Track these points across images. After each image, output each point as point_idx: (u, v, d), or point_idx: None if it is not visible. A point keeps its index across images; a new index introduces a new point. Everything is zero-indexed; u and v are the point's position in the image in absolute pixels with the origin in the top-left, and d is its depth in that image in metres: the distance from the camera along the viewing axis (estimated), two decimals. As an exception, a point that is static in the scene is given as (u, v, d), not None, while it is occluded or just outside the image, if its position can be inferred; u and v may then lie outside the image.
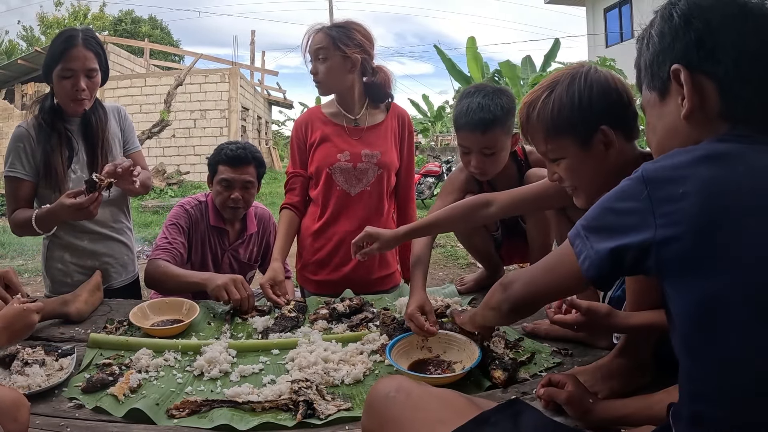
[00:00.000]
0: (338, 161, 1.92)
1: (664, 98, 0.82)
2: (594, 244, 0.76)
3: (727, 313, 0.65)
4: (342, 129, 1.96)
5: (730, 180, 0.68)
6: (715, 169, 0.69)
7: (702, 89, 0.76)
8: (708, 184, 0.68)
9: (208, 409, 1.10)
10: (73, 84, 1.74)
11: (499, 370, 1.18)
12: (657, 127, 0.85)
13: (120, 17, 28.17)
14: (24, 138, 1.78)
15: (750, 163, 0.69)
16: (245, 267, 2.21)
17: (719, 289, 0.65)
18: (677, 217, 0.68)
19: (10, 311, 1.15)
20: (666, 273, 0.71)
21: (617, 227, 0.74)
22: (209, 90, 14.18)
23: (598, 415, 0.96)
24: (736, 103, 0.75)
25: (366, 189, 1.94)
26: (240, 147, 2.08)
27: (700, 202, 0.67)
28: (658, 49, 0.81)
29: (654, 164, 0.74)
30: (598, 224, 0.77)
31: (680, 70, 0.77)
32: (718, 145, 0.72)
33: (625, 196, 0.75)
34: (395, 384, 0.88)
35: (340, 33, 1.87)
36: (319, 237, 1.98)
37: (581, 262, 0.78)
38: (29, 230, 1.74)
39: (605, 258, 0.75)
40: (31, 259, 5.82)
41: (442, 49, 14.82)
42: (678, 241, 0.68)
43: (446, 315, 1.56)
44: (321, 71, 1.90)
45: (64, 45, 1.72)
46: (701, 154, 0.71)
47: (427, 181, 10.00)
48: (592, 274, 0.77)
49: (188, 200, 2.15)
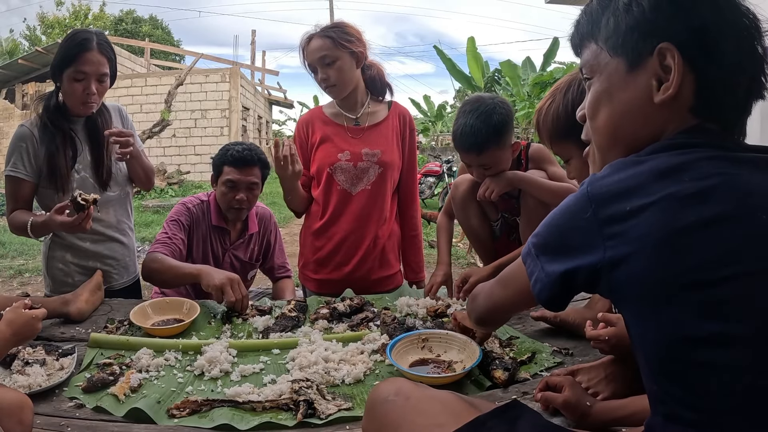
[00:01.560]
0: (339, 161, 1.92)
1: (634, 70, 0.73)
2: (545, 265, 0.74)
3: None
4: (342, 129, 1.96)
5: (681, 195, 0.62)
6: (665, 184, 0.63)
7: (684, 79, 0.70)
8: (660, 199, 0.63)
9: (208, 409, 1.10)
10: (85, 87, 1.74)
11: (500, 369, 1.18)
12: (614, 97, 0.76)
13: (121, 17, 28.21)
14: (27, 138, 1.78)
15: (702, 175, 0.64)
16: (246, 266, 2.21)
17: (675, 312, 0.62)
18: (626, 238, 0.64)
19: (19, 319, 1.13)
20: (619, 297, 0.68)
21: (565, 247, 0.71)
22: (210, 90, 14.19)
23: (597, 418, 0.96)
24: (713, 105, 0.71)
25: (367, 188, 1.94)
26: (246, 148, 2.08)
27: (652, 219, 0.62)
28: (647, 17, 0.71)
29: (600, 179, 0.69)
30: (546, 242, 0.75)
31: (673, 52, 0.69)
32: (670, 157, 0.66)
33: (570, 214, 0.71)
34: (394, 388, 0.87)
35: (337, 33, 1.85)
36: (320, 236, 1.98)
37: (533, 284, 0.76)
38: (25, 233, 1.75)
39: (556, 281, 0.72)
40: (31, 259, 5.82)
41: (443, 49, 14.82)
42: (629, 263, 0.64)
43: (446, 315, 1.56)
44: (332, 75, 1.87)
45: (79, 47, 1.72)
46: (652, 168, 0.66)
47: (427, 181, 10.00)
48: (544, 297, 0.75)
49: (190, 199, 2.15)
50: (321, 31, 1.87)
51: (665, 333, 0.63)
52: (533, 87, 13.29)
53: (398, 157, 1.99)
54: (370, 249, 1.97)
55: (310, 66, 1.91)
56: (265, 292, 2.38)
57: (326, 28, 1.89)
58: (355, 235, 1.95)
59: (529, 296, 0.79)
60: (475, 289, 1.00)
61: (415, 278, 2.16)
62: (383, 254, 2.00)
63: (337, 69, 1.86)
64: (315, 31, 1.89)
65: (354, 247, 1.95)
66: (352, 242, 1.95)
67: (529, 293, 0.78)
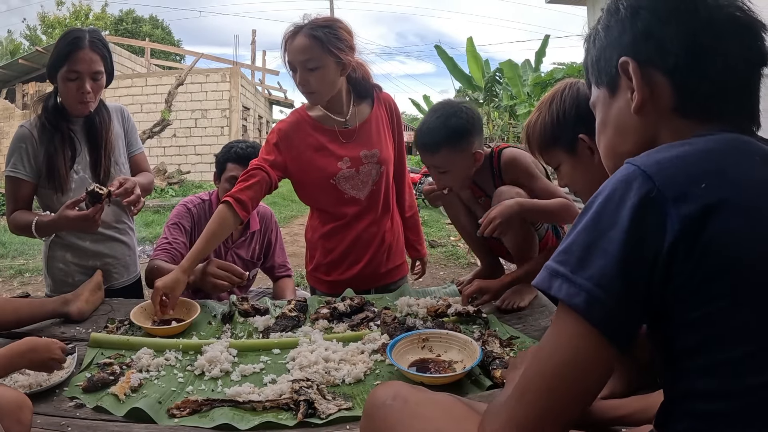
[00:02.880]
0: (340, 170, 1.83)
1: (615, 94, 0.78)
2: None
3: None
4: (334, 134, 1.85)
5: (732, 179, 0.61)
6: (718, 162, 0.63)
7: (653, 82, 0.72)
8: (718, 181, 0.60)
9: (208, 409, 1.10)
10: (79, 87, 1.73)
11: (501, 369, 1.18)
12: (608, 123, 0.80)
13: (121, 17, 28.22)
14: (27, 139, 1.78)
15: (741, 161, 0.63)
16: (248, 265, 2.21)
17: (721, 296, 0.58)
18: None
19: (42, 342, 1.12)
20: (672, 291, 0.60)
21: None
22: (210, 89, 14.19)
23: (596, 417, 0.96)
24: (693, 97, 0.71)
25: (373, 189, 1.90)
26: (249, 146, 2.10)
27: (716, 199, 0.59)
28: (604, 43, 0.77)
29: (647, 157, 0.65)
30: None
31: (628, 62, 0.73)
32: (709, 139, 0.66)
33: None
34: (392, 391, 0.86)
35: (327, 35, 1.68)
36: (332, 238, 1.93)
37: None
38: (27, 233, 1.75)
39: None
40: (32, 259, 5.83)
41: (444, 49, 14.81)
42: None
43: (447, 315, 1.57)
44: (313, 82, 1.72)
45: (70, 47, 1.71)
46: (705, 146, 0.65)
47: (427, 181, 9.99)
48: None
49: (191, 199, 2.16)
50: (309, 28, 1.69)
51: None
52: (533, 87, 13.29)
53: (392, 149, 1.96)
54: (380, 244, 1.96)
55: (289, 64, 1.75)
56: (266, 291, 2.38)
57: (316, 25, 1.70)
58: (366, 234, 1.92)
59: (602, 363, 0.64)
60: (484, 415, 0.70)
61: (417, 255, 2.17)
62: (390, 246, 2.00)
63: (319, 76, 1.71)
64: (302, 24, 1.71)
65: (366, 246, 1.93)
66: (364, 241, 1.92)
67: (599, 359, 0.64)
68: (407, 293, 1.80)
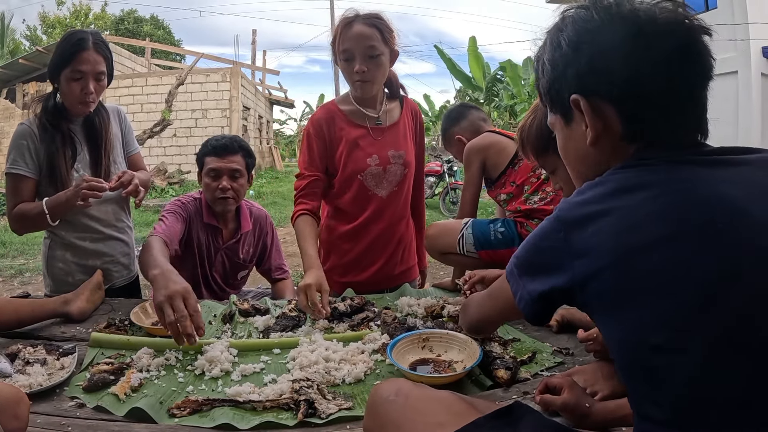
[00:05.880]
0: (369, 166, 1.86)
1: (569, 123, 0.82)
2: (526, 284, 0.79)
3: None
4: (366, 131, 1.88)
5: (637, 211, 0.67)
6: (623, 201, 0.68)
7: (603, 114, 0.75)
8: (618, 217, 0.67)
9: (209, 408, 1.10)
10: (83, 87, 1.74)
11: (502, 369, 1.18)
12: (567, 148, 0.86)
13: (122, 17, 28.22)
14: (27, 136, 1.78)
15: (656, 191, 0.67)
16: (238, 266, 2.20)
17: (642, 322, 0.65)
18: (592, 255, 0.68)
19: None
20: (590, 310, 0.73)
21: (543, 267, 0.76)
22: (210, 89, 14.20)
23: (597, 418, 0.96)
24: (639, 124, 0.74)
25: (395, 189, 1.91)
26: (225, 137, 2.11)
27: (612, 236, 0.67)
28: (552, 77, 0.80)
29: (568, 202, 0.74)
30: (527, 262, 0.81)
31: (579, 100, 0.76)
32: (625, 175, 0.71)
33: (545, 236, 0.76)
34: (395, 387, 0.88)
35: (383, 26, 1.73)
36: (349, 239, 1.93)
37: (517, 301, 0.82)
38: (35, 221, 1.74)
39: (536, 300, 0.78)
40: (32, 258, 5.83)
41: (443, 49, 14.83)
42: (596, 279, 0.68)
43: (444, 315, 1.56)
44: (373, 70, 1.74)
45: (75, 47, 1.72)
46: (610, 188, 0.71)
47: (428, 181, 9.99)
48: (528, 312, 0.81)
49: (184, 196, 2.14)
50: (367, 18, 1.72)
51: (628, 338, 0.67)
52: (533, 87, 13.28)
53: (414, 155, 1.98)
54: (396, 247, 1.97)
55: (345, 51, 1.74)
56: (265, 292, 2.37)
57: (371, 16, 1.74)
58: (384, 237, 1.93)
59: (516, 311, 0.85)
60: (467, 300, 1.10)
61: (421, 266, 2.18)
62: (405, 248, 2.01)
63: (378, 64, 1.75)
64: (357, 14, 1.73)
65: (382, 248, 1.94)
66: (381, 243, 1.93)
67: (514, 308, 0.84)
68: (407, 293, 1.80)
